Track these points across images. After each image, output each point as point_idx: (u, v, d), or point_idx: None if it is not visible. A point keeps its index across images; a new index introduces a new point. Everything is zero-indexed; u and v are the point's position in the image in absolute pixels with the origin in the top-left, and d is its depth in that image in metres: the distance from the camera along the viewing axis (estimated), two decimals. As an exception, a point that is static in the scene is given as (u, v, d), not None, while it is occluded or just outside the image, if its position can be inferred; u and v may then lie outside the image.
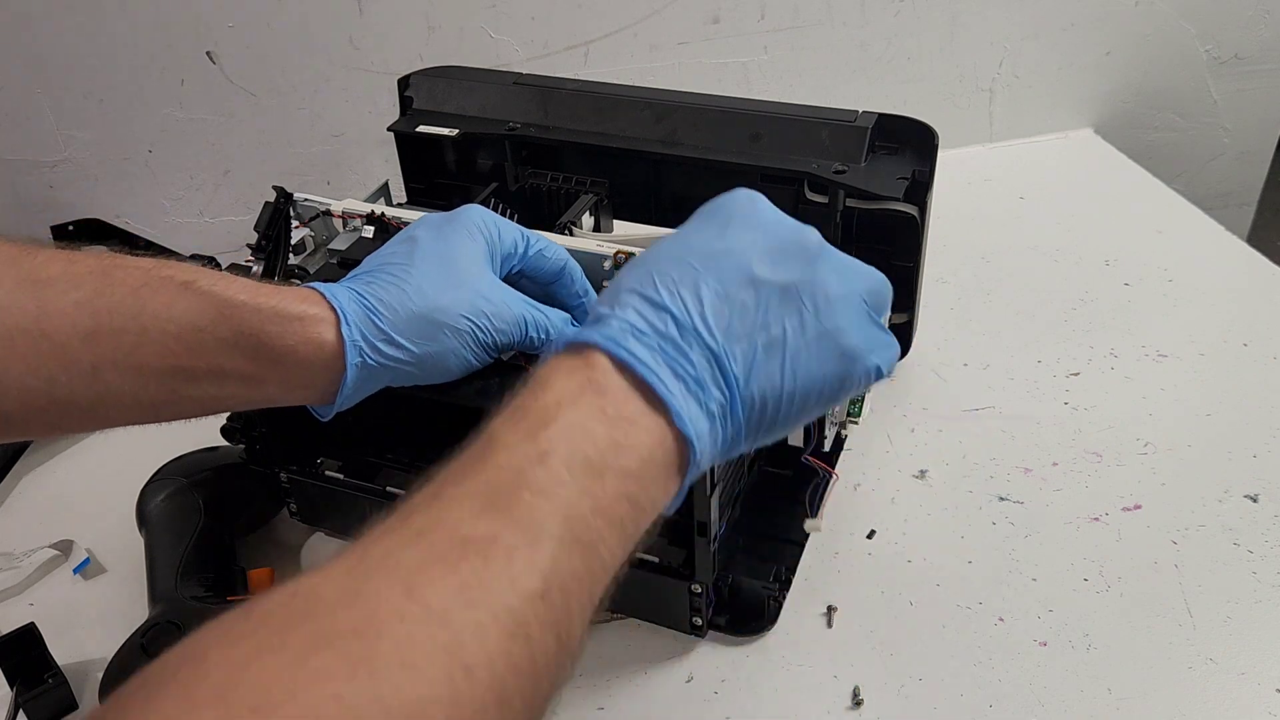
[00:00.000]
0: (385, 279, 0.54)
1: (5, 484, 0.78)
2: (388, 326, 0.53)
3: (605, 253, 0.62)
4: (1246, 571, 0.65)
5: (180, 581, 0.62)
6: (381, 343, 0.53)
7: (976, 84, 1.12)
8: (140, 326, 0.48)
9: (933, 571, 0.66)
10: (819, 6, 1.03)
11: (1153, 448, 0.74)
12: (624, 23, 1.01)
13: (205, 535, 0.66)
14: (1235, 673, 0.59)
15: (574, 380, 0.39)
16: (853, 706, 0.58)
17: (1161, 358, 0.83)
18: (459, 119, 0.78)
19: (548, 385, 0.39)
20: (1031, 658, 0.60)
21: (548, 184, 0.71)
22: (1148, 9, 1.11)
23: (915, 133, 0.71)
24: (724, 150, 0.72)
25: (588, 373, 0.39)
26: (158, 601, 0.62)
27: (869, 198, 0.69)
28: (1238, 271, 0.93)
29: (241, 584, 0.65)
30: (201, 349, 0.50)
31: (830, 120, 0.72)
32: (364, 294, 0.54)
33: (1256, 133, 1.23)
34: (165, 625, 0.58)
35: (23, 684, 0.59)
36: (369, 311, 0.53)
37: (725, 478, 0.59)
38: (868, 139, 0.70)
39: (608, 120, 0.75)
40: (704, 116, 0.74)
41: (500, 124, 0.76)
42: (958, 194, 1.07)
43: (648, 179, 0.76)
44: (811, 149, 0.71)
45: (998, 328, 0.87)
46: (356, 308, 0.53)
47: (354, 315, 0.53)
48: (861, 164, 0.70)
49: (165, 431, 0.81)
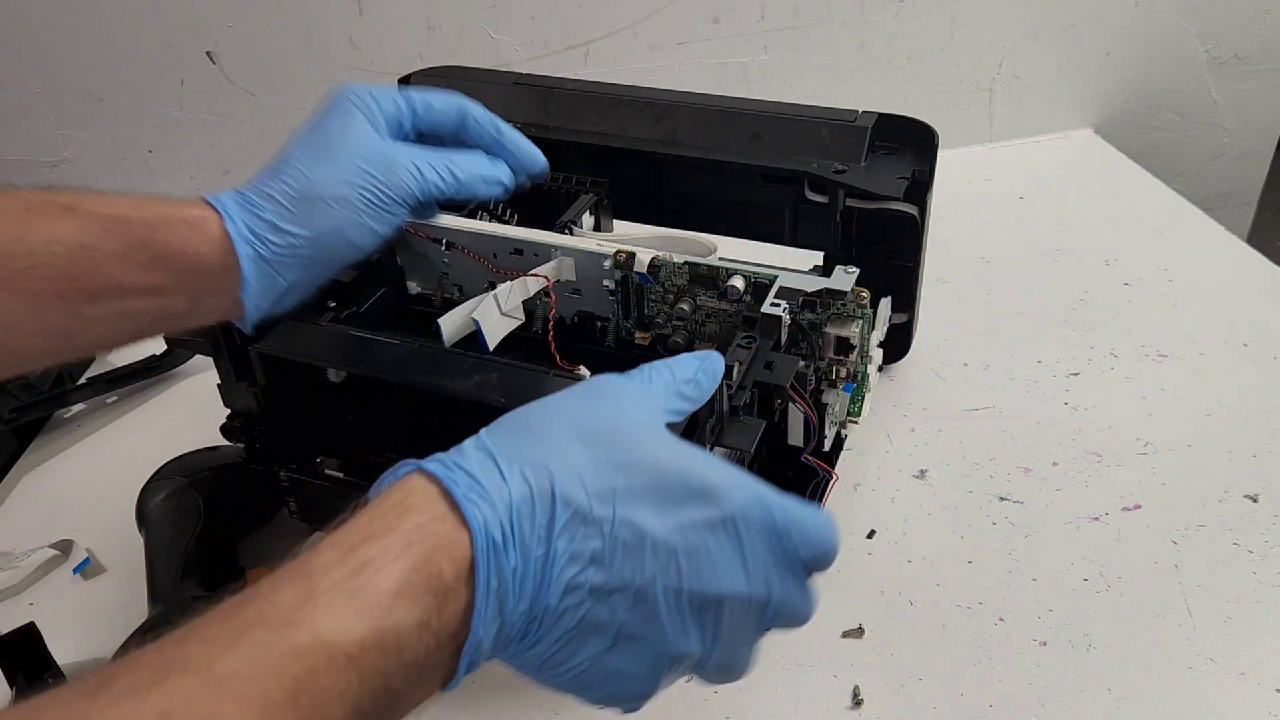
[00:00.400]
0: (263, 177, 0.56)
1: (5, 484, 0.78)
2: (270, 215, 0.55)
3: (605, 252, 0.62)
4: (1246, 571, 0.65)
5: (180, 581, 0.62)
6: (268, 231, 0.55)
7: (976, 84, 1.12)
8: (28, 250, 0.49)
9: (933, 571, 0.66)
10: (819, 6, 1.03)
11: (1153, 448, 0.74)
12: (624, 23, 1.01)
13: (205, 535, 0.66)
14: (1235, 673, 0.59)
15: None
16: (853, 706, 0.58)
17: (1161, 358, 0.83)
18: None
19: None
20: (1031, 657, 0.60)
21: (547, 184, 0.71)
22: (1148, 9, 1.11)
23: (915, 132, 0.71)
24: (724, 150, 0.72)
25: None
26: (158, 601, 0.62)
27: (869, 197, 0.69)
28: (1238, 271, 0.93)
29: (241, 584, 0.65)
30: (94, 266, 0.51)
31: (830, 120, 0.72)
32: (245, 192, 0.56)
33: (1256, 133, 1.23)
34: (165, 625, 0.58)
35: (22, 684, 0.58)
36: (250, 205, 0.55)
37: None
38: (868, 139, 0.70)
39: (608, 120, 0.75)
40: (704, 116, 0.74)
41: None
42: (958, 194, 1.07)
43: (648, 179, 0.76)
44: (812, 149, 0.71)
45: (998, 328, 0.87)
46: (237, 205, 0.55)
47: (236, 210, 0.55)
48: (861, 164, 0.70)
49: (165, 432, 0.81)
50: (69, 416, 0.84)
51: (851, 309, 0.58)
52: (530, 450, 0.38)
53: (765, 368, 0.55)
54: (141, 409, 0.85)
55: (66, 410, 0.84)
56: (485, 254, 0.64)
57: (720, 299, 0.61)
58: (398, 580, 0.35)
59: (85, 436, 0.82)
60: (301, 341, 0.59)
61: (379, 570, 0.35)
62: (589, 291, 0.64)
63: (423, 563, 0.35)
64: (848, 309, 0.58)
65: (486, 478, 0.37)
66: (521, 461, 0.38)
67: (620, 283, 0.63)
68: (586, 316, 0.65)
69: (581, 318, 0.65)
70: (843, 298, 0.58)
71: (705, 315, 0.62)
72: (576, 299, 0.65)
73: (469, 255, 0.65)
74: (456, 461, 0.38)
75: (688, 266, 0.61)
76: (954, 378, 0.82)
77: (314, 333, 0.60)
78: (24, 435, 0.82)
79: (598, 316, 0.65)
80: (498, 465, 0.38)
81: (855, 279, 0.58)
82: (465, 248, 0.65)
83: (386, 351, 0.58)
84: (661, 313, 0.63)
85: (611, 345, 0.65)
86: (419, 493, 0.37)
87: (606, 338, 0.65)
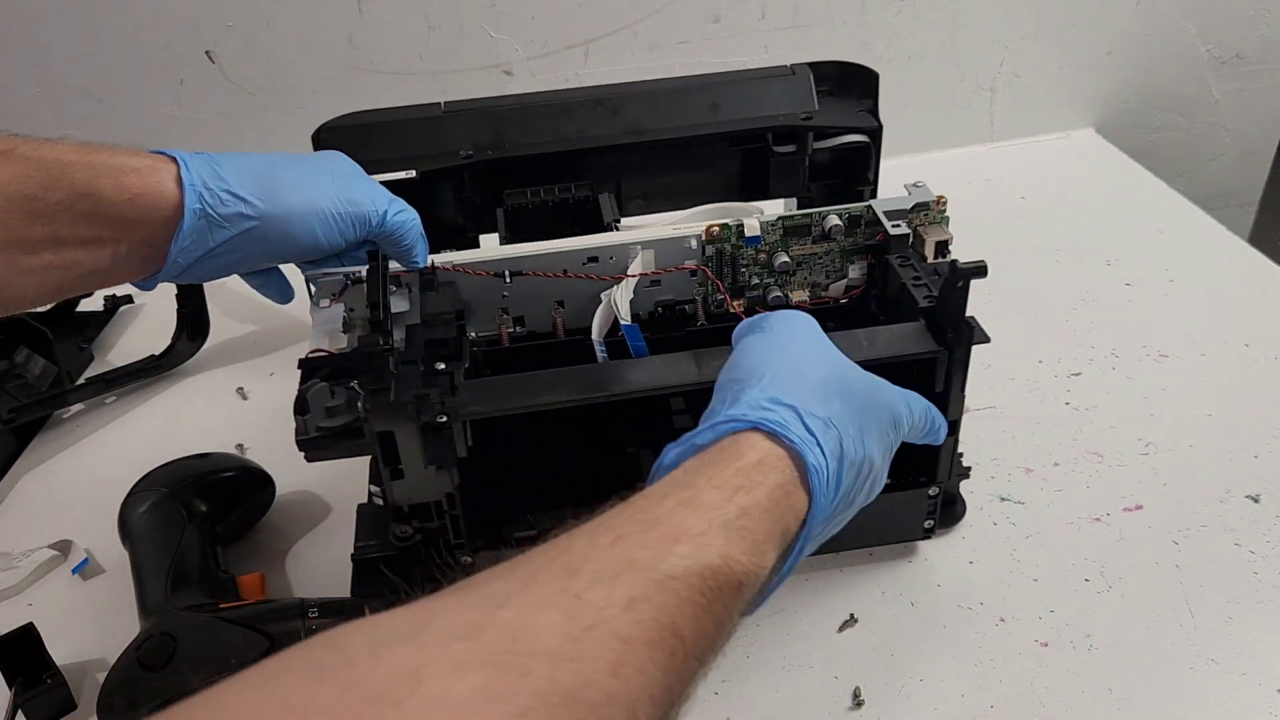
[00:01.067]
0: (236, 154, 0.56)
1: (4, 484, 0.78)
2: (230, 178, 0.54)
3: (689, 234, 0.64)
4: (1248, 572, 0.65)
5: (170, 593, 0.61)
6: (224, 191, 0.54)
7: (977, 83, 1.12)
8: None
9: (933, 572, 0.66)
10: (819, 5, 1.03)
11: (1154, 448, 0.74)
12: (624, 22, 1.01)
13: (190, 545, 0.65)
14: (1236, 673, 0.59)
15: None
16: (853, 707, 0.58)
17: (1163, 358, 0.82)
18: (401, 161, 0.72)
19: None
20: (1032, 658, 0.60)
21: (529, 200, 0.70)
22: (1149, 8, 1.11)
23: (852, 74, 0.76)
24: (693, 125, 0.74)
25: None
26: (149, 614, 0.61)
27: (842, 132, 0.75)
28: (1239, 271, 0.93)
29: (232, 591, 0.64)
30: (36, 216, 0.50)
31: (773, 76, 0.76)
32: (212, 154, 0.55)
33: (1258, 132, 1.23)
34: (160, 638, 0.57)
35: (22, 684, 0.58)
36: (212, 164, 0.54)
37: None
38: (813, 86, 0.75)
39: (566, 125, 0.74)
40: (659, 99, 0.75)
41: (451, 155, 0.73)
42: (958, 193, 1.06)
43: (626, 171, 0.76)
44: (769, 104, 0.75)
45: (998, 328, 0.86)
46: (199, 161, 0.54)
47: (196, 164, 0.54)
48: (817, 108, 0.75)
49: (164, 432, 0.81)
50: (68, 416, 0.84)
51: (936, 215, 0.67)
52: (817, 407, 0.46)
53: None
54: (141, 409, 0.85)
55: (65, 410, 0.84)
56: (555, 270, 0.64)
57: (815, 243, 0.66)
58: (765, 531, 0.41)
59: (84, 436, 0.82)
60: (488, 397, 0.56)
61: (754, 519, 0.41)
62: (668, 280, 0.65)
63: (780, 518, 0.43)
64: (933, 216, 0.66)
65: (808, 448, 0.44)
66: (821, 422, 0.45)
67: (710, 259, 0.65)
68: (669, 305, 0.66)
69: (663, 307, 0.66)
70: (927, 208, 0.66)
71: (796, 264, 0.67)
72: (655, 290, 0.66)
73: (541, 276, 0.64)
74: (784, 423, 0.45)
75: (781, 221, 0.65)
76: (955, 378, 0.81)
77: (490, 387, 0.57)
78: (23, 435, 0.82)
79: (681, 301, 0.66)
80: (808, 428, 0.45)
81: (928, 189, 0.66)
82: (534, 271, 0.64)
83: (585, 377, 0.57)
84: (754, 274, 0.67)
85: (705, 323, 0.67)
86: (772, 455, 0.44)
87: (696, 319, 0.67)
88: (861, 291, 0.68)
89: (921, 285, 0.61)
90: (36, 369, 0.83)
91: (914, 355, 0.58)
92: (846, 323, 0.68)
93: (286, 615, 0.59)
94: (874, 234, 0.66)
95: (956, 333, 0.57)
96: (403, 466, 0.55)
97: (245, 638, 0.57)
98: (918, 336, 0.58)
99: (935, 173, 1.09)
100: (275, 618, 0.59)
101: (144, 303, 0.95)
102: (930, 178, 1.11)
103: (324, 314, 0.64)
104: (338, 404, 0.57)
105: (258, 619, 0.58)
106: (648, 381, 0.56)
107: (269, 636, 0.57)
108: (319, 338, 0.62)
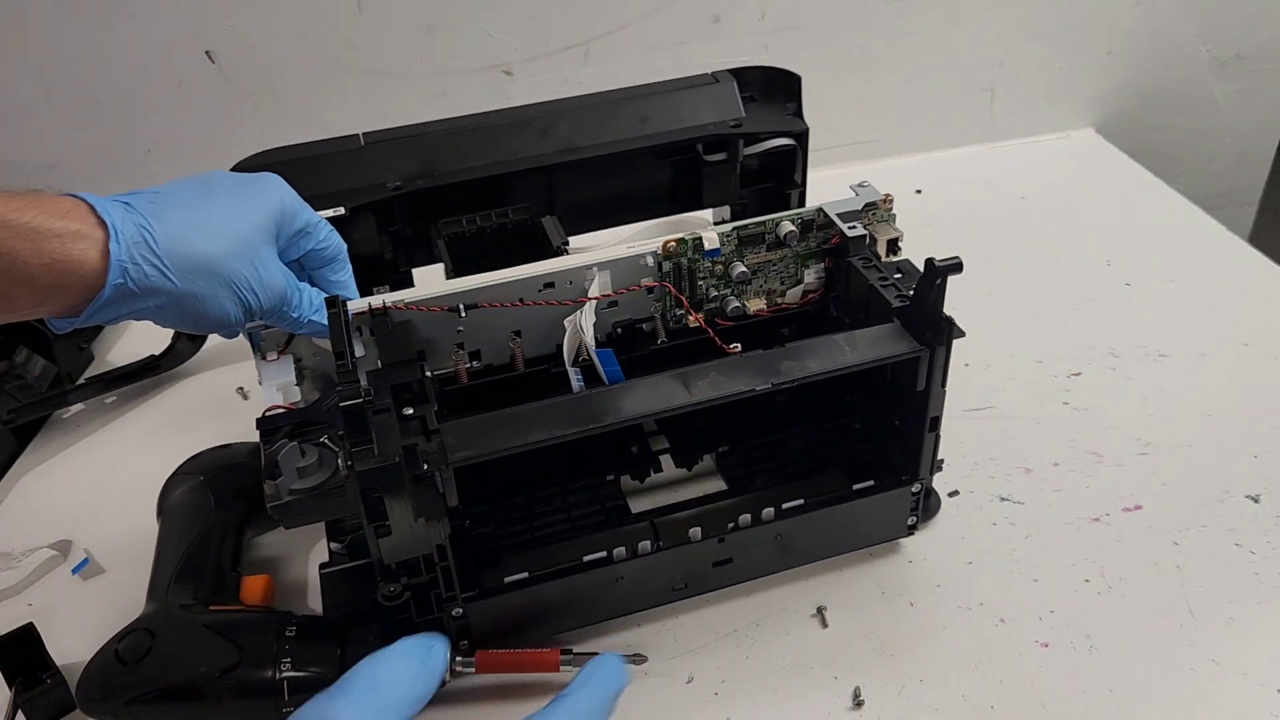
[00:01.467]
0: (171, 205, 0.54)
1: (4, 484, 0.78)
2: (162, 253, 0.53)
3: (645, 251, 0.63)
4: (1248, 572, 0.65)
5: (176, 583, 0.61)
6: (150, 267, 0.53)
7: (977, 83, 1.12)
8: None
9: (933, 572, 0.66)
10: (820, 6, 1.03)
11: (1154, 448, 0.74)
12: (624, 22, 1.01)
13: (209, 536, 0.65)
14: (1237, 673, 0.59)
15: None
16: (853, 707, 0.58)
17: (1162, 358, 0.82)
18: (327, 198, 0.69)
19: None
20: (1033, 659, 0.60)
21: (465, 228, 0.68)
22: (1149, 8, 1.11)
23: (775, 78, 0.77)
24: (626, 140, 0.74)
25: None
26: (148, 603, 0.61)
27: (773, 136, 0.76)
28: (1239, 271, 0.93)
29: (234, 591, 0.63)
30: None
31: (700, 84, 0.77)
32: (143, 213, 0.53)
33: (1258, 132, 1.23)
34: (140, 633, 0.57)
35: (21, 684, 0.58)
36: (145, 231, 0.53)
37: None
38: (738, 93, 0.76)
39: (496, 148, 0.73)
40: (587, 116, 0.74)
41: (378, 188, 0.70)
42: (958, 194, 1.07)
43: (568, 189, 0.76)
44: (697, 114, 0.75)
45: (998, 328, 0.86)
46: (131, 226, 0.53)
47: (126, 234, 0.52)
48: (744, 114, 0.76)
49: (164, 432, 0.81)
50: (68, 416, 0.84)
51: (884, 214, 0.66)
52: None
53: None
54: (140, 409, 0.85)
55: (65, 410, 0.84)
56: (512, 300, 0.62)
57: (770, 250, 0.66)
58: None
59: (84, 437, 0.82)
60: (476, 440, 0.52)
61: None
62: (625, 300, 0.64)
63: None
64: (881, 214, 0.66)
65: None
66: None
67: (667, 274, 0.64)
68: (627, 325, 0.65)
69: (622, 327, 0.65)
70: (876, 207, 0.66)
71: (752, 272, 0.66)
72: (612, 312, 0.64)
73: (497, 307, 0.61)
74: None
75: (736, 231, 0.64)
76: (954, 378, 0.81)
77: (477, 429, 0.53)
78: (23, 435, 0.82)
79: (639, 320, 0.65)
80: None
81: (874, 188, 0.66)
82: (490, 302, 0.61)
83: (575, 408, 0.54)
84: (712, 286, 0.66)
85: (665, 340, 0.66)
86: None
87: (656, 336, 0.66)
88: (819, 295, 0.68)
89: (889, 286, 0.61)
90: (36, 369, 0.83)
91: (898, 356, 0.58)
92: (805, 329, 0.68)
93: (264, 630, 0.57)
94: (827, 237, 0.66)
95: (935, 330, 0.57)
96: (390, 523, 0.52)
97: (217, 646, 0.56)
98: (897, 337, 0.58)
99: (935, 173, 1.10)
100: (252, 630, 0.58)
101: (144, 303, 0.96)
102: (930, 178, 1.12)
103: (273, 368, 0.61)
104: (309, 463, 0.54)
105: (236, 627, 0.58)
106: (641, 408, 0.54)
107: (240, 648, 0.56)
108: (272, 394, 0.60)
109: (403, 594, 0.54)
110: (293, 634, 0.57)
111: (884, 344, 0.58)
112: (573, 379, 0.60)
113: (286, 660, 0.55)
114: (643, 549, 0.59)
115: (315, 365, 0.63)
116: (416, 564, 0.54)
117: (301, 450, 0.55)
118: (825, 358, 0.57)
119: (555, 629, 0.61)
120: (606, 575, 0.59)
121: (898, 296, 0.60)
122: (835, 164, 1.11)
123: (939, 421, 0.60)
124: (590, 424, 0.53)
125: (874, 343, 0.58)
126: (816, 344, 0.58)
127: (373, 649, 0.51)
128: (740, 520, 0.60)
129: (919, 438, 0.61)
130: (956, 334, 0.57)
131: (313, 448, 0.55)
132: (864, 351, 0.57)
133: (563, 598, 0.59)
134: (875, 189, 0.66)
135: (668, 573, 0.61)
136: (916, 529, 0.66)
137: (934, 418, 0.60)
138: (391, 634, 0.53)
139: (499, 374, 0.64)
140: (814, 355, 0.57)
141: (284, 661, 0.55)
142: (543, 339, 0.64)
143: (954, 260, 0.56)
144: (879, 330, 0.59)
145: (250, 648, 0.56)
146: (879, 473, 0.64)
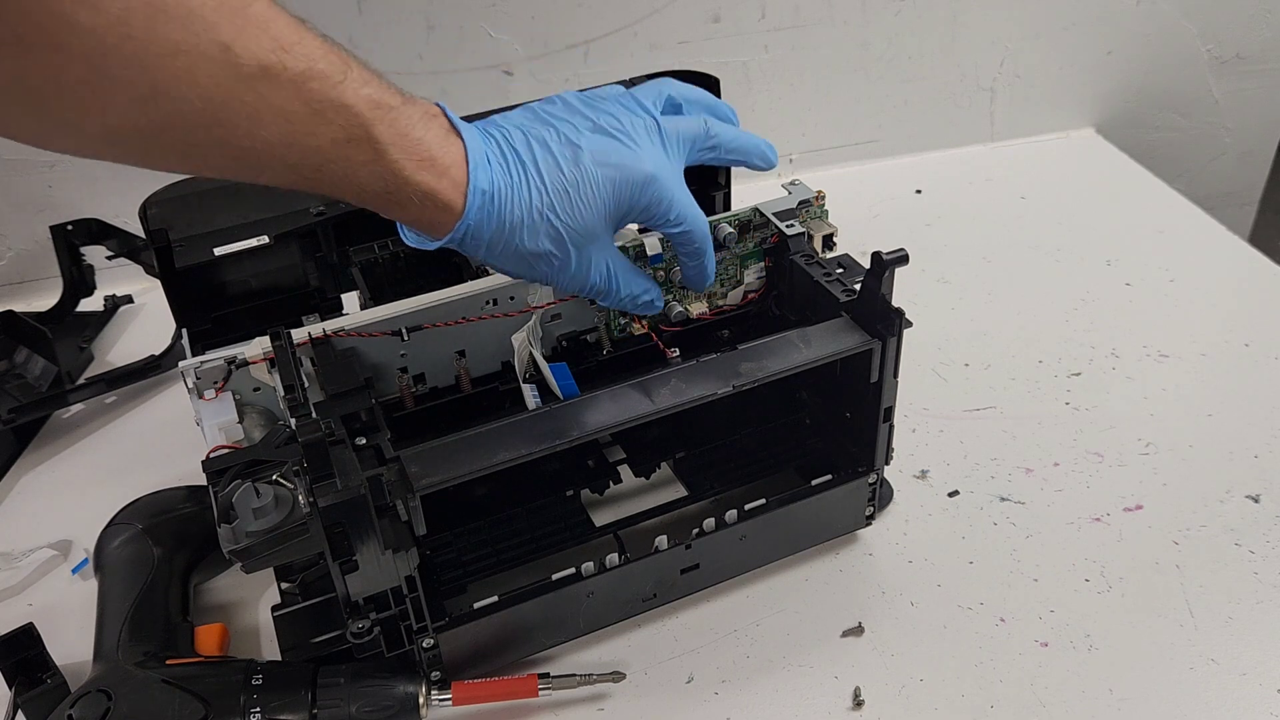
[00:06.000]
0: (557, 151, 0.53)
1: (4, 484, 0.78)
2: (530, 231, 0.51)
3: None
4: (1248, 572, 0.65)
5: (126, 639, 0.59)
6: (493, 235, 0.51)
7: (978, 83, 1.12)
8: None
9: (933, 572, 0.66)
10: (820, 5, 1.03)
11: (1154, 448, 0.74)
12: (624, 21, 1.01)
13: (155, 587, 0.62)
14: (1237, 673, 0.59)
15: None
16: (853, 707, 0.58)
17: (1163, 358, 0.82)
18: (250, 228, 0.66)
19: None
20: (1033, 658, 0.60)
21: (377, 255, 0.66)
22: (1149, 8, 1.11)
23: (694, 82, 0.73)
24: None
25: None
26: (97, 662, 0.59)
27: None
28: (1239, 271, 0.93)
29: (187, 642, 0.61)
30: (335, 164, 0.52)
31: None
32: (514, 145, 0.54)
33: (1258, 132, 1.23)
34: (95, 695, 0.54)
35: (21, 684, 0.58)
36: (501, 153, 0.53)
37: None
38: None
39: None
40: None
41: (301, 214, 0.67)
42: (958, 193, 1.07)
43: None
44: None
45: (999, 328, 0.87)
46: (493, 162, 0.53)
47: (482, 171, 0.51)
48: None
49: (164, 432, 0.81)
50: (68, 417, 0.84)
51: (818, 210, 0.67)
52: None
53: None
54: (140, 409, 0.84)
55: (65, 410, 0.84)
56: (456, 319, 0.61)
57: None
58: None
59: (84, 437, 0.82)
60: (441, 465, 0.51)
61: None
62: (567, 311, 0.64)
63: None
64: (815, 211, 0.67)
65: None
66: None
67: None
68: (571, 337, 0.65)
69: (567, 340, 0.65)
70: (809, 204, 0.66)
71: None
72: (556, 325, 0.64)
73: (441, 327, 0.60)
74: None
75: None
76: (955, 378, 0.81)
77: (440, 454, 0.52)
78: (23, 435, 0.82)
79: (583, 332, 0.65)
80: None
81: (806, 186, 0.67)
82: (434, 323, 0.60)
83: (539, 425, 0.54)
84: None
85: (611, 350, 0.65)
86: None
87: (601, 347, 0.65)
88: (759, 295, 0.68)
89: (834, 281, 0.61)
90: (36, 369, 0.83)
91: (852, 350, 0.58)
92: (749, 328, 0.68)
93: (228, 680, 0.55)
94: (765, 236, 0.66)
95: (886, 323, 0.57)
96: (357, 558, 0.50)
97: (181, 702, 0.53)
98: (849, 331, 0.59)
99: (935, 173, 1.10)
100: (215, 682, 0.55)
101: (144, 303, 0.95)
102: (930, 178, 1.12)
103: (212, 407, 0.58)
104: (265, 503, 0.51)
105: (198, 680, 0.55)
106: (606, 420, 0.54)
107: (205, 702, 0.53)
108: (214, 434, 0.57)
109: (371, 630, 0.53)
110: (259, 682, 0.55)
111: (837, 339, 0.58)
112: (528, 396, 0.59)
113: (256, 710, 0.53)
114: (610, 562, 0.58)
115: (255, 400, 0.60)
116: (384, 598, 0.53)
117: (256, 490, 0.52)
118: (783, 356, 0.57)
119: (529, 650, 0.60)
120: (577, 591, 0.58)
121: (844, 291, 0.60)
122: (835, 164, 1.11)
123: (893, 412, 0.61)
124: (557, 440, 0.52)
125: (827, 338, 0.58)
126: (772, 344, 0.58)
127: (344, 690, 0.50)
128: (705, 525, 0.60)
129: (873, 429, 0.61)
130: (905, 324, 0.57)
131: (266, 486, 0.52)
132: (819, 348, 0.58)
133: (534, 618, 0.58)
134: (807, 186, 0.67)
135: (637, 583, 0.60)
136: (874, 519, 0.66)
137: (888, 408, 0.61)
138: (362, 672, 0.53)
139: (445, 396, 0.63)
140: (771, 355, 0.57)
141: (253, 712, 0.53)
142: (490, 357, 0.63)
143: (900, 252, 0.56)
144: (830, 325, 0.59)
145: (216, 700, 0.54)
146: (832, 466, 0.65)
